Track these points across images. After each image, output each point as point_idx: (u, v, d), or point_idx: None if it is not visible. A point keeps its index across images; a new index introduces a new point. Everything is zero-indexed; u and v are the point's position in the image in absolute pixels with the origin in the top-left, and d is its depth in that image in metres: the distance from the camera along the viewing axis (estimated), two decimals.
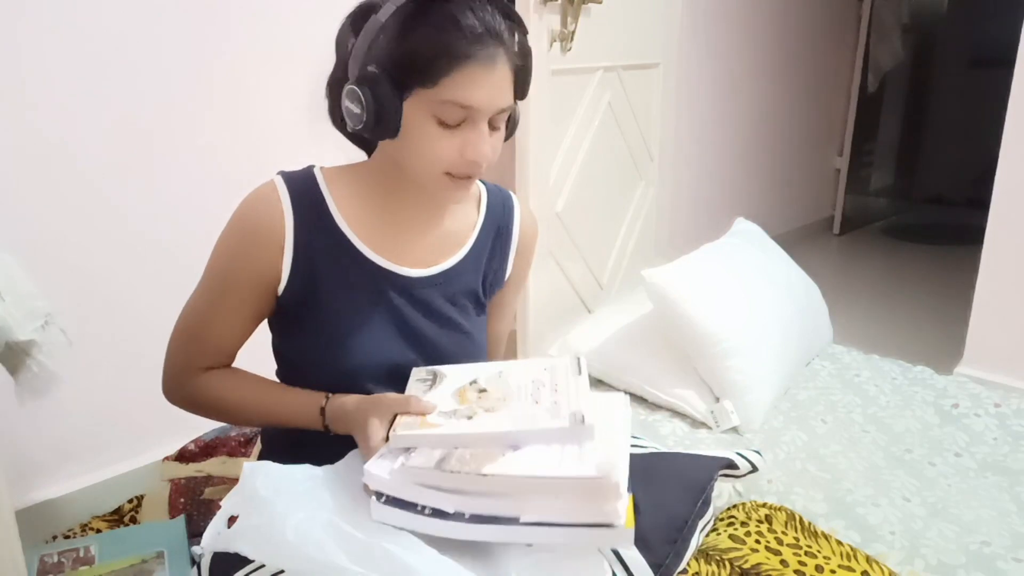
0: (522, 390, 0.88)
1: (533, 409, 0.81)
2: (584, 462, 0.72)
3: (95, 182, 1.58)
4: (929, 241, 4.13)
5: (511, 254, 1.11)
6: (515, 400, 0.85)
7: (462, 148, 0.88)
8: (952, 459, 1.42)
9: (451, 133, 0.87)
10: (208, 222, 1.02)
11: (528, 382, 0.89)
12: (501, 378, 0.92)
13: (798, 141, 3.85)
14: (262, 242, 0.94)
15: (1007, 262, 2.10)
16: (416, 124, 0.87)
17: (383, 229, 0.99)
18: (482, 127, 0.88)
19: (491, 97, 0.86)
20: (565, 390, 0.85)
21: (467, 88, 0.84)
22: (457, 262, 1.04)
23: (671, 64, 2.46)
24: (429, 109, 0.86)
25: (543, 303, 2.06)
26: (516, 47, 0.88)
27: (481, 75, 0.84)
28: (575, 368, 0.91)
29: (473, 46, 0.83)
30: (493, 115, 0.88)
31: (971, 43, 4.59)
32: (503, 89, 0.87)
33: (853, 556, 1.05)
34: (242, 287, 0.96)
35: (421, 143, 0.88)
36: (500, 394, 0.88)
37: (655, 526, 0.96)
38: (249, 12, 1.73)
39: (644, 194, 2.46)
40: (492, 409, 0.84)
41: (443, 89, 0.84)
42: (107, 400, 1.65)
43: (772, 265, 1.84)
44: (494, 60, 0.85)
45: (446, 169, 0.90)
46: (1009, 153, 2.07)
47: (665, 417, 1.59)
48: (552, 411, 0.80)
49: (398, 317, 1.00)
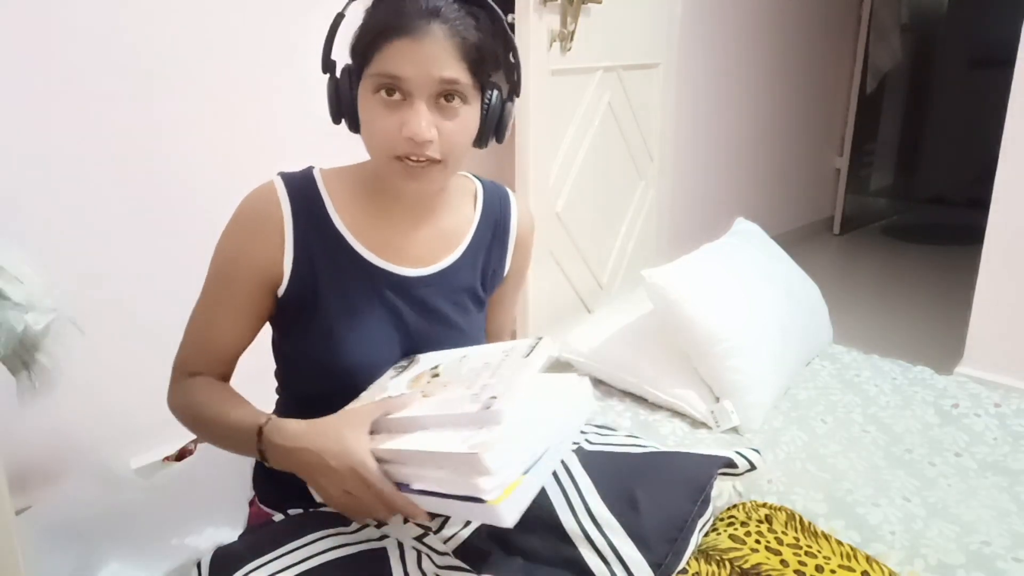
0: (471, 374, 0.89)
1: (459, 394, 0.84)
2: (468, 440, 0.77)
3: (97, 181, 1.58)
4: (929, 241, 4.13)
5: (509, 250, 1.11)
6: (455, 385, 0.88)
7: (400, 126, 0.88)
8: (952, 459, 1.42)
9: (392, 111, 0.88)
10: (211, 222, 1.02)
11: (481, 365, 0.91)
12: (462, 362, 0.94)
13: (798, 141, 3.85)
14: (263, 237, 0.95)
15: (1007, 262, 2.10)
16: (365, 107, 0.90)
17: (380, 229, 1.00)
18: (418, 104, 0.87)
19: (421, 68, 0.86)
20: (504, 374, 0.86)
21: (394, 59, 0.86)
22: (454, 260, 1.05)
23: (671, 64, 2.46)
24: (370, 87, 0.89)
25: (543, 303, 2.06)
26: (464, 21, 0.88)
27: (409, 46, 0.86)
28: (525, 351, 0.92)
29: (403, 19, 0.86)
30: (436, 91, 0.88)
31: (971, 43, 4.59)
32: (438, 60, 0.86)
33: (853, 556, 1.05)
34: (243, 284, 0.97)
35: (368, 125, 0.91)
36: (449, 378, 0.90)
37: (654, 525, 0.96)
38: (257, 7, 1.73)
39: (644, 194, 2.46)
40: (429, 395, 0.87)
41: (376, 63, 0.87)
42: (107, 400, 1.65)
43: (772, 265, 1.84)
44: (425, 32, 0.86)
45: (393, 151, 0.89)
46: (1009, 153, 2.07)
47: (665, 417, 1.59)
48: (474, 397, 0.82)
49: (395, 317, 1.00)
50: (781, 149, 3.72)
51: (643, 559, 0.92)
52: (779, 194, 3.80)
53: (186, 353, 1.01)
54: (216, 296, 0.99)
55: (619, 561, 0.91)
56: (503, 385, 0.82)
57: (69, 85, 1.52)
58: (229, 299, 0.98)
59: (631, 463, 1.09)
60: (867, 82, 3.99)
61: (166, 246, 1.67)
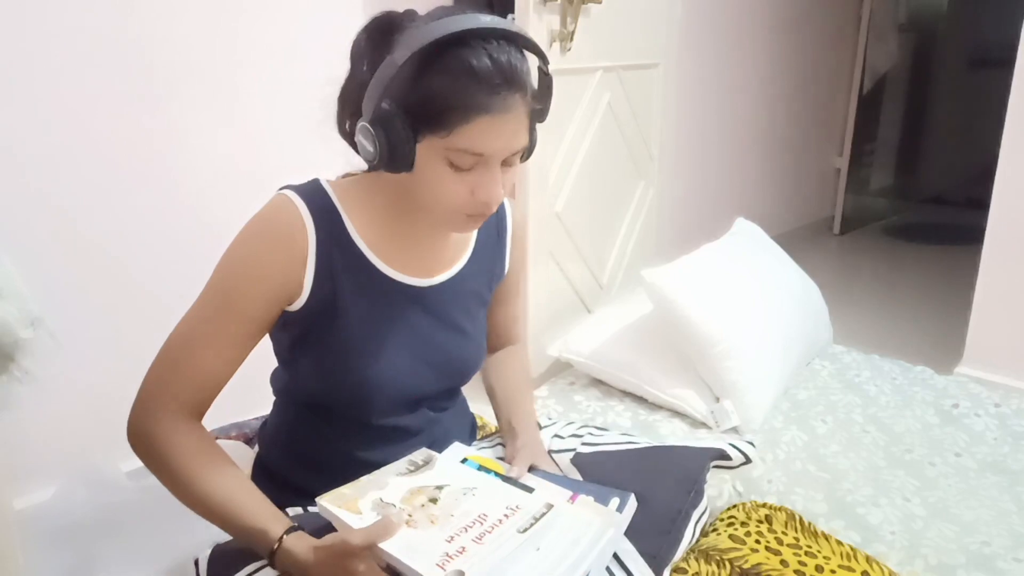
0: (462, 518, 0.86)
1: (429, 547, 0.80)
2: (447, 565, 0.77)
3: (95, 184, 1.58)
4: (929, 241, 4.13)
5: (508, 247, 1.13)
6: (440, 526, 0.84)
7: (474, 189, 0.88)
8: (952, 459, 1.42)
9: (463, 176, 0.87)
10: (205, 227, 1.02)
11: (476, 515, 0.86)
12: (464, 497, 0.90)
13: (798, 141, 3.85)
14: (286, 251, 0.92)
15: (1007, 262, 2.10)
16: (428, 166, 0.87)
17: (393, 241, 0.99)
18: (495, 170, 0.87)
19: (505, 145, 0.86)
20: (486, 549, 0.81)
21: (480, 138, 0.84)
22: (463, 266, 1.05)
23: (671, 64, 2.46)
24: (442, 154, 0.86)
25: (543, 303, 2.06)
26: (535, 88, 0.88)
27: (496, 125, 0.84)
28: (526, 522, 0.85)
29: (489, 97, 0.82)
30: (508, 157, 0.89)
31: (971, 43, 4.59)
32: (518, 134, 0.87)
33: (853, 556, 1.05)
34: (250, 300, 0.92)
35: (432, 184, 0.88)
36: (441, 513, 0.87)
37: (648, 517, 0.97)
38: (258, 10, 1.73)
39: (644, 194, 2.46)
40: (414, 524, 0.84)
41: (456, 138, 0.84)
42: (107, 400, 1.65)
43: (772, 265, 1.84)
44: (509, 108, 0.84)
45: (463, 211, 0.90)
46: (1009, 153, 2.07)
47: (665, 417, 1.59)
48: (442, 561, 0.79)
49: (410, 327, 1.01)
50: (781, 149, 3.72)
51: (636, 551, 0.93)
52: (779, 194, 3.80)
53: (166, 376, 0.92)
54: (212, 314, 0.92)
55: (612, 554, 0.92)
56: (481, 559, 0.79)
57: (69, 88, 1.52)
58: (233, 315, 0.92)
59: (625, 459, 1.10)
60: (867, 82, 3.99)
61: (158, 251, 1.67)
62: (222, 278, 0.93)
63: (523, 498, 0.91)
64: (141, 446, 0.93)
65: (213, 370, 0.93)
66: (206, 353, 0.92)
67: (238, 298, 0.92)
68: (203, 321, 0.93)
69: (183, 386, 0.92)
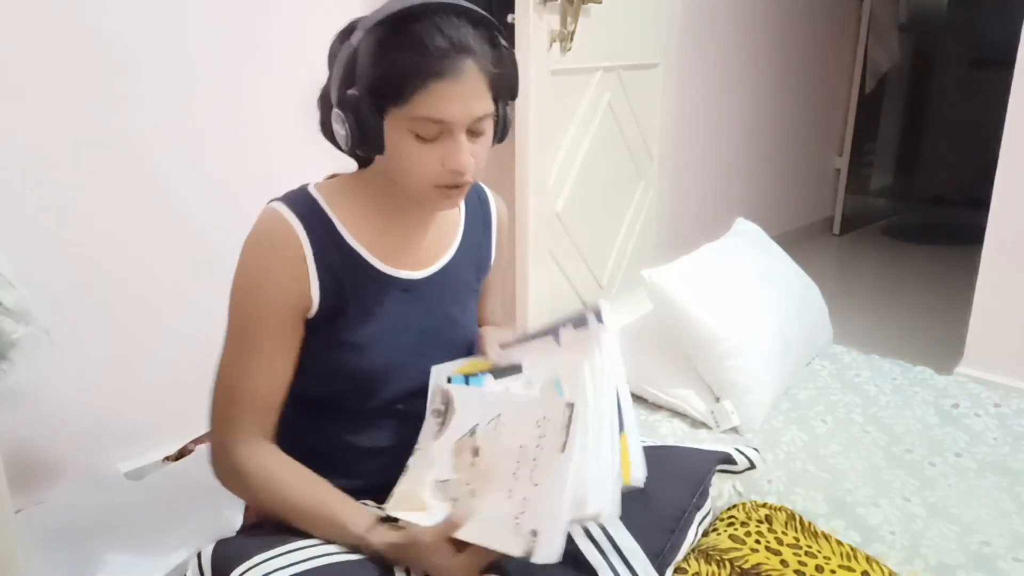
0: (506, 462, 0.90)
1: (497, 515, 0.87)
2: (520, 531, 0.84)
3: (93, 184, 1.58)
4: (929, 241, 4.13)
5: (494, 238, 1.16)
6: (496, 483, 0.90)
7: (443, 160, 0.90)
8: (952, 459, 1.42)
9: (430, 147, 0.90)
10: (210, 223, 1.02)
11: (516, 447, 0.91)
12: (496, 433, 0.95)
13: (798, 141, 3.85)
14: (289, 269, 0.94)
15: (1007, 262, 2.10)
16: (397, 141, 0.90)
17: (383, 236, 1.01)
18: (459, 138, 0.90)
19: (463, 109, 0.88)
20: (541, 479, 0.87)
21: (438, 103, 0.87)
22: (451, 258, 1.08)
23: (671, 64, 2.46)
24: (406, 126, 0.89)
25: (543, 303, 2.06)
26: (490, 55, 0.90)
27: (450, 89, 0.86)
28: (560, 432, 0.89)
29: (440, 62, 0.86)
30: (471, 123, 0.90)
31: (971, 43, 4.59)
32: (476, 98, 0.89)
33: (853, 556, 1.05)
34: (274, 320, 0.95)
35: (403, 159, 0.91)
36: (487, 462, 0.93)
37: (652, 516, 0.98)
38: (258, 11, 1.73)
39: (644, 194, 2.46)
40: (475, 491, 0.91)
41: (416, 106, 0.87)
42: (107, 400, 1.65)
43: (772, 265, 1.84)
44: (462, 71, 0.87)
45: (432, 182, 0.92)
46: (1009, 153, 2.07)
47: (665, 417, 1.59)
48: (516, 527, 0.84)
49: (405, 319, 1.03)
50: (781, 149, 3.72)
51: (640, 549, 0.93)
52: (779, 194, 3.80)
53: (231, 413, 0.96)
54: (251, 342, 0.95)
55: (616, 551, 0.92)
56: (543, 504, 0.84)
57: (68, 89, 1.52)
58: (267, 341, 0.95)
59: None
60: (867, 82, 3.99)
61: (157, 251, 1.67)
62: (238, 306, 0.96)
63: (542, 406, 0.93)
64: (236, 484, 0.97)
65: (267, 390, 0.97)
66: (255, 379, 0.96)
67: (259, 320, 0.95)
68: (239, 352, 0.96)
69: (246, 416, 0.96)
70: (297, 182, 1.03)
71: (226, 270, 0.98)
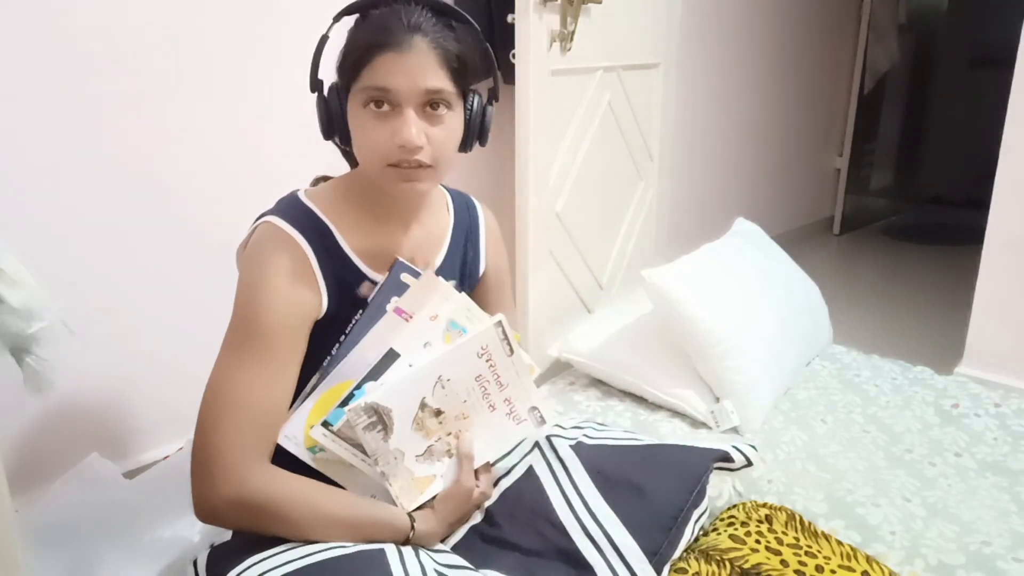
0: (471, 395, 1.01)
1: (499, 424, 1.01)
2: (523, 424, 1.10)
3: (96, 184, 1.58)
4: (929, 241, 4.12)
5: (482, 249, 1.18)
6: (472, 413, 1.00)
7: (392, 134, 0.92)
8: (952, 459, 1.42)
9: (382, 123, 0.92)
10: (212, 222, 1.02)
11: (471, 382, 1.01)
12: (445, 389, 0.98)
13: (798, 141, 3.84)
14: (302, 283, 0.95)
15: (1007, 262, 2.10)
16: (355, 118, 0.94)
17: (374, 240, 1.03)
18: (407, 112, 0.91)
19: (407, 80, 0.90)
20: (508, 380, 1.04)
21: (383, 73, 0.90)
22: (439, 264, 1.10)
23: (671, 64, 2.46)
24: (359, 99, 0.92)
25: (543, 303, 2.06)
26: (444, 35, 0.93)
27: (398, 61, 0.90)
28: (502, 345, 1.03)
29: (387, 35, 0.90)
30: (423, 100, 0.92)
31: (971, 43, 4.58)
32: (423, 70, 0.91)
33: (853, 556, 1.05)
34: (293, 334, 0.95)
35: (359, 136, 0.94)
36: (455, 410, 1.00)
37: (650, 514, 0.99)
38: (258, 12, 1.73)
39: (644, 194, 2.46)
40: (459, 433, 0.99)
41: (365, 78, 0.91)
42: (108, 400, 1.65)
43: (772, 265, 1.84)
44: (411, 46, 0.90)
45: (384, 159, 0.93)
46: (1009, 153, 2.07)
47: (665, 417, 1.59)
48: (513, 419, 1.04)
49: None
50: (781, 149, 3.72)
51: (637, 546, 0.93)
52: (779, 194, 3.80)
53: (242, 436, 0.90)
54: (264, 358, 0.92)
55: (613, 549, 0.92)
56: (520, 391, 1.06)
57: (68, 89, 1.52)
58: (280, 356, 0.93)
59: (628, 455, 1.11)
60: (867, 82, 3.99)
61: (157, 251, 1.67)
62: (257, 328, 0.92)
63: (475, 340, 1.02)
64: (249, 514, 0.89)
65: (280, 406, 0.95)
66: (269, 395, 0.93)
67: (283, 334, 0.93)
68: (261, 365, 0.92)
69: (258, 437, 0.92)
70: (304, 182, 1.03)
71: (229, 272, 0.98)
